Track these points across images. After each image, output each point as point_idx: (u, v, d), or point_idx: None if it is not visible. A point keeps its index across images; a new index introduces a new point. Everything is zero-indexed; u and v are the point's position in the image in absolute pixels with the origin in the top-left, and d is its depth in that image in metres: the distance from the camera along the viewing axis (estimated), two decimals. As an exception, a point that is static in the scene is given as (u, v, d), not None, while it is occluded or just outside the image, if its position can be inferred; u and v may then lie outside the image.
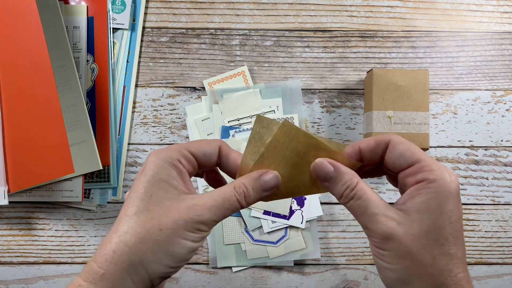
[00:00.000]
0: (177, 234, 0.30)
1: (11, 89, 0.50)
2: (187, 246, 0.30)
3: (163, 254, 0.30)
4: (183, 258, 0.30)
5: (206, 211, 0.30)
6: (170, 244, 0.30)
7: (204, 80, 0.58)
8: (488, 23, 0.59)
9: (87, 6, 0.56)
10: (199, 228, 0.30)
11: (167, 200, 0.30)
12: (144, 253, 0.29)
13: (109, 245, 0.29)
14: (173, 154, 0.32)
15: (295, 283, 0.56)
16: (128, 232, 0.29)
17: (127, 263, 0.29)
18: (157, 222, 0.30)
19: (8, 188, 0.50)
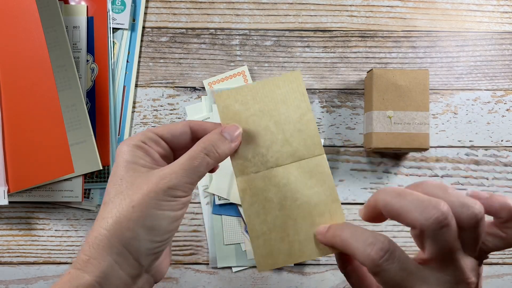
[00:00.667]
0: (150, 206, 0.30)
1: (11, 89, 0.50)
2: (166, 215, 0.30)
3: (141, 230, 0.30)
4: (164, 229, 0.30)
5: (174, 176, 0.30)
6: (145, 218, 0.30)
7: (204, 80, 0.58)
8: (488, 23, 0.59)
9: (87, 6, 0.56)
10: (172, 194, 0.30)
11: (137, 178, 0.31)
12: (121, 232, 0.29)
13: (91, 233, 0.30)
14: (137, 137, 0.33)
15: (295, 283, 0.56)
16: (105, 217, 0.30)
17: (107, 246, 0.29)
18: (129, 200, 0.30)
19: (8, 188, 0.50)
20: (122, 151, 0.32)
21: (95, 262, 0.29)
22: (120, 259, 0.30)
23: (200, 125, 0.35)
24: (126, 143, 0.33)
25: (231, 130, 0.33)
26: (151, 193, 0.30)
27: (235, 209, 0.56)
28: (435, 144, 0.58)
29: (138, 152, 0.32)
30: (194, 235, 0.57)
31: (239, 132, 0.34)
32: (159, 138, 0.33)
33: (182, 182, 0.31)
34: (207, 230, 0.56)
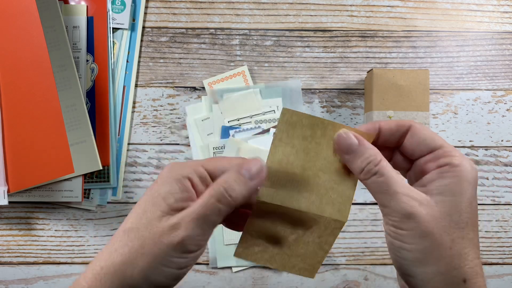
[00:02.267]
0: (158, 261, 0.28)
1: (11, 89, 0.50)
2: (170, 273, 0.28)
3: (143, 282, 0.28)
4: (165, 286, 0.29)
5: (183, 228, 0.28)
6: (150, 271, 0.28)
7: (204, 80, 0.58)
8: (488, 23, 0.59)
9: (87, 6, 0.56)
10: (183, 249, 0.28)
11: (156, 219, 0.28)
12: (125, 277, 0.28)
13: (100, 260, 0.29)
14: (185, 170, 0.29)
15: (295, 283, 0.56)
16: (117, 251, 0.28)
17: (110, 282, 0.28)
18: (140, 244, 0.28)
19: (8, 188, 0.50)
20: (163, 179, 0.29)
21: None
22: None
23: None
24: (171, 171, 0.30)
25: (249, 167, 0.30)
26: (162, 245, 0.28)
27: (235, 209, 0.56)
28: (435, 144, 0.58)
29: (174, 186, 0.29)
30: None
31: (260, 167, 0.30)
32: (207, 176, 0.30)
33: (193, 236, 0.28)
34: (207, 230, 0.56)
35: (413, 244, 0.29)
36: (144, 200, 0.30)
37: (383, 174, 0.30)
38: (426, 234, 0.29)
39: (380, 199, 0.30)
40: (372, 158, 0.30)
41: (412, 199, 0.29)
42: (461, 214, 0.29)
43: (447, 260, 0.29)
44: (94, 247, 0.56)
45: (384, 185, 0.30)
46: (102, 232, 0.57)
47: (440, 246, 0.29)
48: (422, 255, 0.29)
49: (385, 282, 0.56)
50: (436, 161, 0.30)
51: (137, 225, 0.29)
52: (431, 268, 0.29)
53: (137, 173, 0.57)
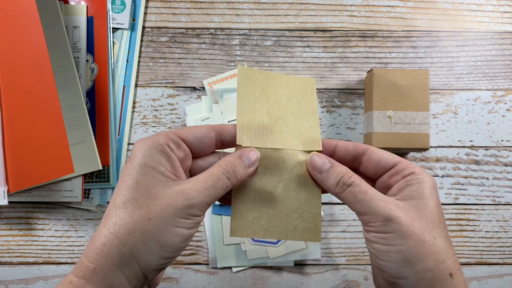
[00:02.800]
0: (167, 222, 0.29)
1: (11, 89, 0.50)
2: (180, 233, 0.29)
3: (155, 244, 0.28)
4: (176, 247, 0.30)
5: (196, 193, 0.30)
6: (161, 233, 0.29)
7: (204, 80, 0.58)
8: (488, 23, 0.59)
9: (87, 6, 0.56)
10: (191, 213, 0.29)
11: (154, 187, 0.29)
12: (134, 244, 0.28)
13: (99, 239, 0.28)
14: (161, 139, 0.31)
15: (295, 283, 0.56)
16: (117, 224, 0.28)
17: (117, 256, 0.28)
18: (146, 211, 0.29)
19: (8, 188, 0.50)
20: (142, 151, 0.30)
21: (101, 272, 0.28)
22: (128, 271, 0.28)
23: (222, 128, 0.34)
24: (146, 143, 0.31)
25: (249, 155, 0.33)
26: (170, 207, 0.29)
27: (235, 209, 0.56)
28: (435, 144, 0.58)
29: (159, 157, 0.30)
30: (194, 235, 0.57)
31: (256, 157, 0.34)
32: (181, 142, 0.32)
33: (202, 202, 0.30)
34: (207, 230, 0.56)
35: (399, 245, 0.30)
36: (128, 174, 0.30)
37: (358, 184, 0.32)
38: (409, 234, 0.30)
39: (358, 208, 0.32)
40: (344, 172, 0.33)
41: (389, 203, 0.31)
42: (433, 214, 0.31)
43: (433, 255, 0.30)
44: (94, 247, 0.56)
45: (361, 194, 0.32)
46: (102, 232, 0.56)
47: (424, 243, 0.30)
48: (410, 254, 0.30)
49: (385, 282, 0.56)
50: (399, 173, 0.34)
51: (133, 196, 0.29)
52: (420, 266, 0.30)
53: (137, 173, 0.57)
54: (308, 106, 0.36)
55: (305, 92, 0.37)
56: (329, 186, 0.33)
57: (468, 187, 0.58)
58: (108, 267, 0.28)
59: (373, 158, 0.35)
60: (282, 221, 0.34)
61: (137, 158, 0.30)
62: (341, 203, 0.57)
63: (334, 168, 0.34)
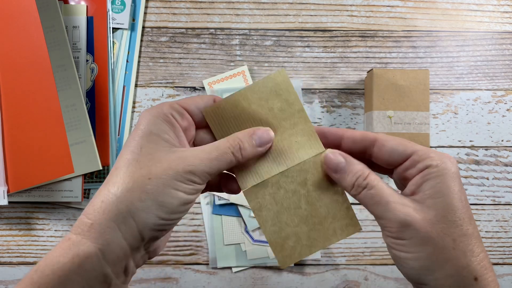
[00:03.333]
0: (167, 183, 0.29)
1: (11, 89, 0.50)
2: (178, 196, 0.29)
3: (152, 203, 0.29)
4: (174, 209, 0.30)
5: (198, 161, 0.30)
6: (159, 193, 0.29)
7: (204, 80, 0.58)
8: (488, 23, 0.59)
9: (87, 6, 0.56)
10: (190, 179, 0.30)
11: (158, 151, 0.30)
12: (131, 201, 0.28)
13: (98, 197, 0.29)
14: (165, 108, 0.31)
15: (295, 283, 0.56)
16: (117, 182, 0.29)
17: (114, 212, 0.28)
18: (146, 172, 0.29)
19: (8, 188, 0.50)
20: (147, 119, 0.31)
21: (98, 228, 0.28)
22: (125, 227, 0.28)
23: None
24: (151, 112, 0.31)
25: (262, 135, 0.33)
26: (170, 170, 0.29)
27: (235, 209, 0.56)
28: (436, 144, 0.58)
29: (163, 125, 0.31)
30: (194, 235, 0.57)
31: (270, 137, 0.33)
32: (185, 112, 0.32)
33: (203, 171, 0.30)
34: (207, 230, 0.56)
35: (417, 252, 0.29)
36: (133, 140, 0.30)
37: (373, 186, 0.30)
38: (426, 240, 0.29)
39: (374, 211, 0.31)
40: (360, 173, 0.31)
41: (406, 207, 0.29)
42: (455, 212, 0.29)
43: (453, 261, 0.28)
44: (94, 247, 0.56)
45: (376, 197, 0.30)
46: (102, 232, 0.56)
47: (443, 249, 0.28)
48: (428, 262, 0.29)
49: (385, 282, 0.56)
50: (414, 166, 0.31)
51: (135, 158, 0.29)
52: (440, 273, 0.29)
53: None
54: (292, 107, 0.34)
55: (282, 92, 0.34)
56: (345, 187, 0.32)
57: (468, 187, 0.58)
58: (104, 222, 0.28)
59: (384, 151, 0.32)
60: (320, 231, 0.33)
61: (142, 126, 0.31)
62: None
63: (349, 167, 0.32)
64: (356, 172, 0.31)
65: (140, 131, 0.30)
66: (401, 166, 0.32)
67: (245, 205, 0.55)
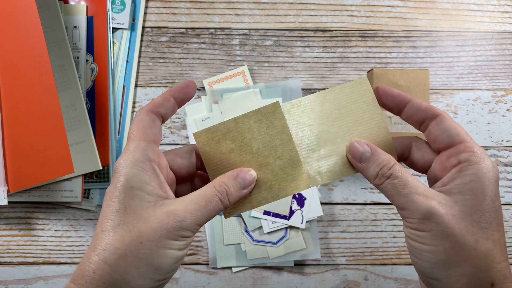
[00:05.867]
0: (159, 245, 0.28)
1: (11, 89, 0.50)
2: (172, 255, 0.28)
3: (147, 268, 0.28)
4: (169, 269, 0.29)
5: (188, 215, 0.28)
6: (153, 257, 0.28)
7: (204, 80, 0.58)
8: (488, 23, 0.59)
9: (87, 6, 0.56)
10: (182, 234, 0.28)
11: (144, 209, 0.28)
12: (126, 270, 0.27)
13: (88, 265, 0.27)
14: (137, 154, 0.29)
15: (295, 284, 0.56)
16: (107, 249, 0.27)
17: (109, 283, 0.27)
18: (137, 235, 0.27)
19: (7, 188, 0.50)
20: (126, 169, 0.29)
21: None
22: None
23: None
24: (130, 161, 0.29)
25: (245, 176, 0.32)
26: (161, 229, 0.28)
27: (235, 209, 0.56)
28: (436, 144, 0.58)
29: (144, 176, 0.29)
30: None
31: (253, 178, 0.32)
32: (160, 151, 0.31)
33: (194, 224, 0.29)
34: (207, 230, 0.56)
35: (434, 245, 0.28)
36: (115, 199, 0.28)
37: (397, 176, 0.30)
38: (447, 235, 0.28)
39: (397, 201, 0.30)
40: (385, 163, 0.31)
41: (430, 199, 0.28)
42: (483, 213, 0.28)
43: (472, 261, 0.27)
44: (94, 247, 0.56)
45: (399, 187, 0.29)
46: (102, 232, 0.56)
47: (464, 246, 0.27)
48: (445, 257, 0.28)
49: (385, 282, 0.56)
50: (457, 156, 0.30)
51: (122, 220, 0.28)
52: (455, 271, 0.28)
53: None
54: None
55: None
56: (368, 176, 0.31)
57: (468, 187, 0.57)
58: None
59: (441, 127, 0.31)
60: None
61: (122, 177, 0.29)
62: (341, 203, 0.57)
63: (375, 156, 0.31)
64: (381, 162, 0.31)
65: (120, 186, 0.28)
66: (447, 151, 0.31)
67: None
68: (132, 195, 0.28)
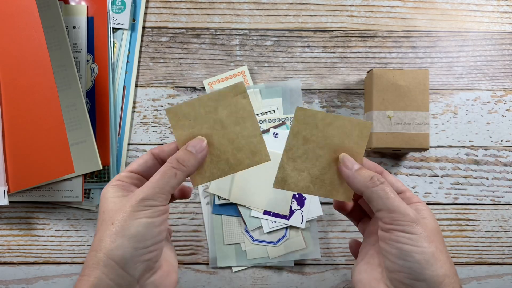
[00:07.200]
0: (127, 217, 0.33)
1: (11, 89, 0.50)
2: (142, 223, 0.33)
3: (122, 239, 0.32)
4: (146, 235, 0.33)
5: (145, 189, 0.34)
6: (124, 228, 0.32)
7: (204, 80, 0.58)
8: (488, 23, 0.59)
9: (87, 6, 0.56)
10: (146, 204, 0.33)
11: (116, 205, 0.34)
12: (105, 246, 0.32)
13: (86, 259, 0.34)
14: (113, 179, 0.37)
15: (295, 283, 0.56)
16: (95, 241, 0.33)
17: (95, 261, 0.32)
18: (110, 222, 0.33)
19: (8, 188, 0.50)
20: (103, 193, 0.36)
21: (85, 278, 0.32)
22: (107, 269, 0.32)
23: (159, 148, 0.38)
24: (105, 186, 0.36)
25: (195, 143, 0.37)
26: (127, 207, 0.33)
27: (235, 209, 0.56)
28: (435, 144, 0.58)
29: (115, 188, 0.36)
30: (194, 235, 0.57)
31: (205, 144, 0.37)
32: (131, 173, 0.37)
33: (154, 193, 0.34)
34: (207, 230, 0.56)
35: (424, 247, 0.32)
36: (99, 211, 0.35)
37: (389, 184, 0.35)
38: (431, 239, 0.33)
39: (388, 204, 0.34)
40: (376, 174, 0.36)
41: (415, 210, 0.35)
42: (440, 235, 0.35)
43: (447, 265, 0.33)
44: (94, 247, 0.56)
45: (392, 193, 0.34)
46: (102, 232, 0.57)
47: (442, 251, 0.33)
48: (433, 258, 0.32)
49: (385, 282, 0.56)
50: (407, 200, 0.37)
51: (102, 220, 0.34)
52: (441, 270, 0.32)
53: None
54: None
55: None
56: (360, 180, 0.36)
57: (467, 187, 0.58)
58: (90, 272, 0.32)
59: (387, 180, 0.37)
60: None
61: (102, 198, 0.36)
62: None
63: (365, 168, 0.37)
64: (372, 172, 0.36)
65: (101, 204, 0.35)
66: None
67: (245, 205, 0.56)
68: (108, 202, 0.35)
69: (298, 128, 0.38)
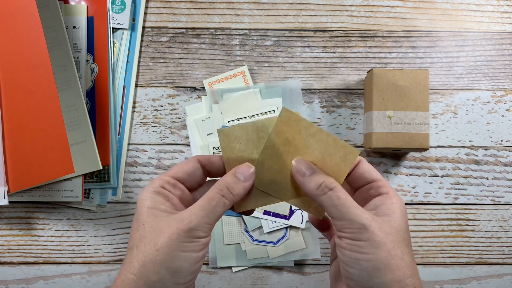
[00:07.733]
0: (173, 248, 0.31)
1: (11, 89, 0.50)
2: (188, 257, 0.31)
3: (166, 272, 0.30)
4: (188, 271, 0.31)
5: (194, 217, 0.32)
6: (169, 261, 0.31)
7: (204, 80, 0.58)
8: (488, 23, 0.59)
9: (87, 6, 0.56)
10: (193, 235, 0.31)
11: (158, 222, 0.32)
12: (147, 275, 0.30)
13: (119, 277, 0.31)
14: (156, 183, 0.34)
15: (295, 283, 0.56)
16: (131, 262, 0.31)
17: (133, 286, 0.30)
18: (153, 244, 0.31)
19: (8, 188, 0.50)
20: (142, 198, 0.33)
21: None
22: None
23: (207, 159, 0.36)
24: (146, 190, 0.34)
25: (244, 170, 0.35)
26: (173, 235, 0.31)
27: (235, 209, 0.56)
28: (435, 144, 0.58)
29: (158, 197, 0.33)
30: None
31: (252, 171, 0.35)
32: (175, 181, 0.35)
33: (202, 223, 0.32)
34: (207, 230, 0.56)
35: (371, 254, 0.31)
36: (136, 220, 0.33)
37: (339, 190, 0.33)
38: (381, 244, 0.31)
39: (335, 212, 0.33)
40: (326, 178, 0.34)
41: (365, 213, 0.33)
42: (404, 233, 0.33)
43: (401, 269, 0.32)
44: (94, 247, 0.56)
45: (341, 199, 0.33)
46: (102, 232, 0.57)
47: (395, 256, 0.32)
48: (381, 265, 0.31)
49: (385, 282, 0.56)
50: (377, 190, 0.35)
51: (141, 236, 0.32)
52: (389, 277, 0.31)
53: (137, 173, 0.57)
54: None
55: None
56: (310, 187, 0.34)
57: (467, 187, 0.58)
58: None
59: (360, 168, 0.36)
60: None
61: (140, 204, 0.33)
62: (341, 203, 0.57)
63: (318, 173, 0.34)
64: (323, 176, 0.34)
65: (139, 210, 0.33)
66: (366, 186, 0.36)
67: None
68: (148, 213, 0.32)
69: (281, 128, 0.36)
